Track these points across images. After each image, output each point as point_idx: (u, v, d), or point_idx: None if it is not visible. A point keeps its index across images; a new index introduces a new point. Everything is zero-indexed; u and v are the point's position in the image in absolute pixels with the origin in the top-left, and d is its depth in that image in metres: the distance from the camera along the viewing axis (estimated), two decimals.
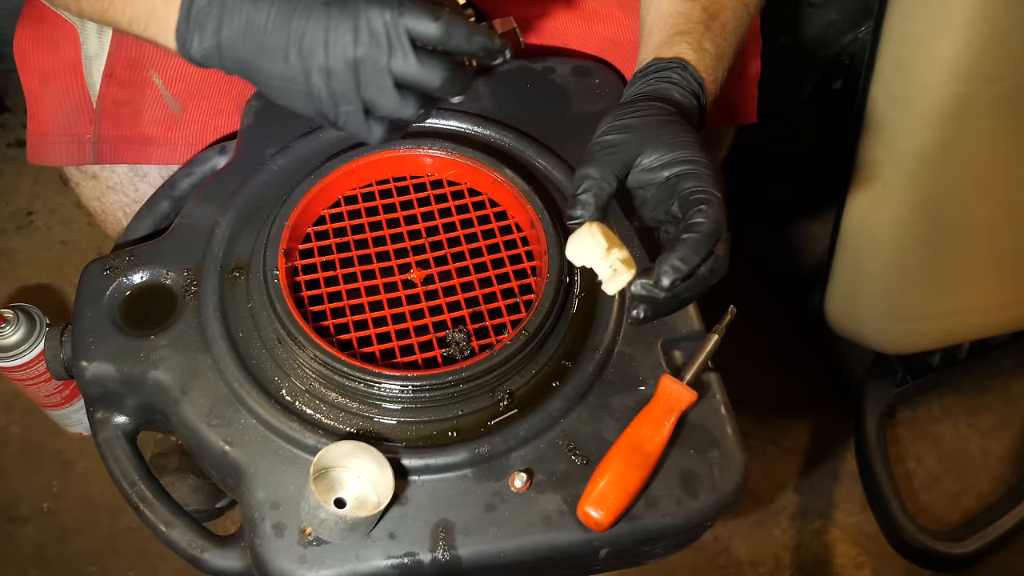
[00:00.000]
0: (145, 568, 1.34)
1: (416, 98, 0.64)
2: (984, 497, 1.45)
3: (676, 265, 0.64)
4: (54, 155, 0.92)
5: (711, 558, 1.39)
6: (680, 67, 0.76)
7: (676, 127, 0.70)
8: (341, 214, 0.81)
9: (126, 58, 0.90)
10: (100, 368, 0.74)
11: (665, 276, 0.64)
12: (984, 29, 1.01)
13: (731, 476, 0.71)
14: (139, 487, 0.73)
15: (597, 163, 0.68)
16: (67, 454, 1.43)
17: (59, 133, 0.91)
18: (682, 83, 0.75)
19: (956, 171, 1.13)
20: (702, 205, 0.66)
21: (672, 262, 0.64)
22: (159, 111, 0.92)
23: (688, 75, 0.76)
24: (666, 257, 0.65)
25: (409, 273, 0.78)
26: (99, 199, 0.98)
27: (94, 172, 0.96)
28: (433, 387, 0.70)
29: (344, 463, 0.67)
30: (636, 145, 0.69)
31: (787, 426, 1.51)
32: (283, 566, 0.66)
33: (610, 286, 0.66)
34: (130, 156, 0.93)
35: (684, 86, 0.75)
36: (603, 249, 0.65)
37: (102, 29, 0.90)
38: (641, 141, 0.69)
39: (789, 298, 1.62)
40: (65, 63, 0.90)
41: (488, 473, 0.69)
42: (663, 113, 0.71)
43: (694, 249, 0.64)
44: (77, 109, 0.91)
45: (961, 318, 1.32)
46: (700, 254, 0.64)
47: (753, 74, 1.00)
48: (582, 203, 0.67)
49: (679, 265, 0.64)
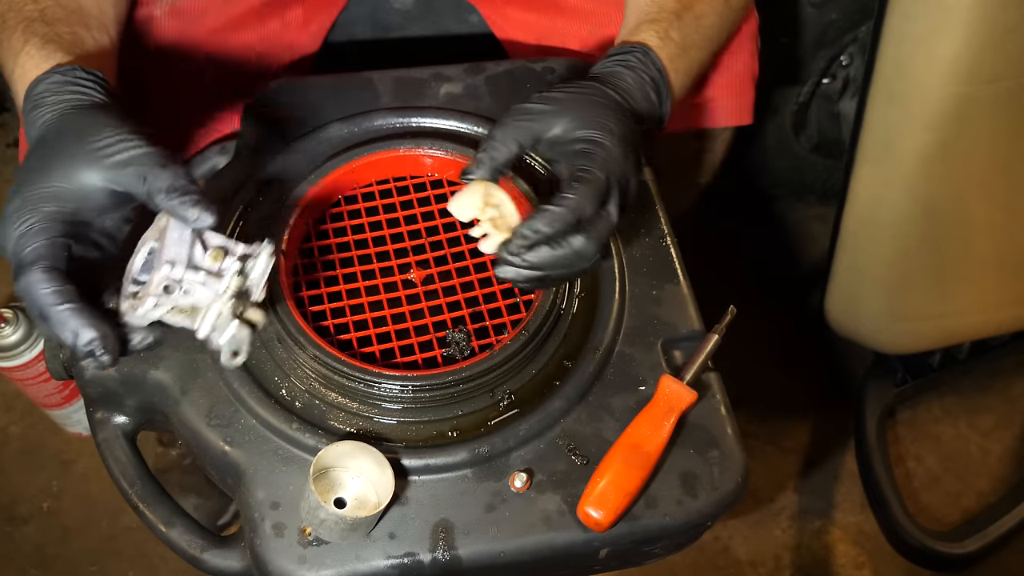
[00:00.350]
0: (145, 568, 1.34)
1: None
2: (984, 497, 1.45)
3: (525, 233, 0.66)
4: None
5: (711, 558, 1.39)
6: (641, 52, 0.77)
7: (599, 108, 0.71)
8: (341, 214, 0.81)
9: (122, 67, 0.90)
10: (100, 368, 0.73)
11: (515, 240, 0.66)
12: (984, 29, 1.01)
13: (731, 476, 0.71)
14: (139, 487, 0.73)
15: (505, 127, 0.70)
16: (67, 454, 1.43)
17: None
18: (639, 67, 0.76)
19: (956, 171, 1.13)
20: (575, 182, 0.67)
21: (523, 229, 0.66)
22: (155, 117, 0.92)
23: (648, 60, 0.77)
24: (523, 224, 0.66)
25: (409, 273, 0.78)
26: None
27: None
28: (433, 387, 0.70)
29: (344, 463, 0.67)
30: (552, 117, 0.70)
31: (787, 426, 1.51)
32: (283, 566, 0.66)
33: (483, 245, 0.69)
34: None
35: (641, 70, 0.76)
36: (478, 208, 0.68)
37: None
38: (558, 114, 0.70)
39: (789, 298, 1.62)
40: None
41: (488, 473, 0.69)
42: (593, 93, 0.72)
43: (548, 222, 0.65)
44: None
45: (961, 318, 1.32)
46: (553, 227, 0.65)
47: (751, 75, 1.00)
48: (477, 161, 0.70)
49: (527, 233, 0.65)
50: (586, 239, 0.67)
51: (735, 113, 1.00)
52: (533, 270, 0.67)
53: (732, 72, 0.98)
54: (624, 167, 0.69)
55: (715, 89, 0.98)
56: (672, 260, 0.81)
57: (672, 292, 0.79)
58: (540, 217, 0.66)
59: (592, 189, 0.67)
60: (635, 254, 0.81)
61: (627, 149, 0.70)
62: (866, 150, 1.16)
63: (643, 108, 0.75)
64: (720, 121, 1.00)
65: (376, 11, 1.04)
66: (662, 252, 0.81)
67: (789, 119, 1.50)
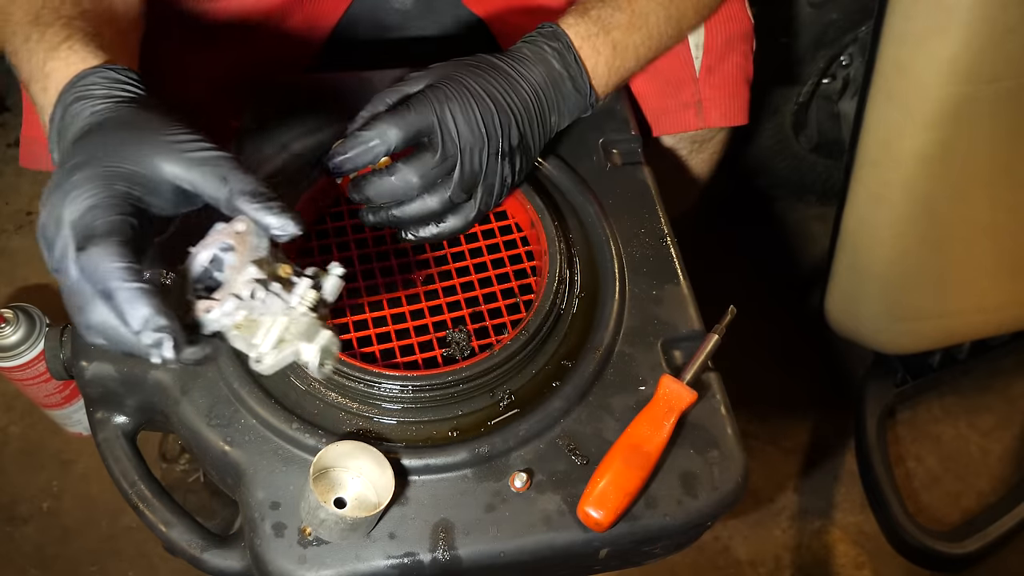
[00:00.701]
0: (145, 568, 1.34)
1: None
2: (984, 497, 1.45)
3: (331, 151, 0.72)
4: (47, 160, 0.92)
5: (711, 558, 1.39)
6: (548, 28, 0.80)
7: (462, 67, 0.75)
8: (341, 214, 0.81)
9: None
10: (100, 368, 0.74)
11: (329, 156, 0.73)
12: (984, 29, 1.01)
13: (731, 476, 0.71)
14: (139, 487, 0.73)
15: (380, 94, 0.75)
16: (67, 454, 1.43)
17: None
18: (540, 40, 0.79)
19: (956, 171, 1.13)
20: (385, 113, 0.72)
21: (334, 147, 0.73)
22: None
23: (552, 35, 0.80)
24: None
25: (409, 273, 0.78)
26: None
27: None
28: (433, 387, 0.70)
29: (344, 463, 0.67)
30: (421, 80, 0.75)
31: (787, 426, 1.51)
32: (283, 566, 0.66)
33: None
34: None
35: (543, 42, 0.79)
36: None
37: None
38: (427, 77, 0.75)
39: (789, 298, 1.62)
40: None
41: (488, 473, 0.69)
42: (467, 60, 0.77)
43: (350, 143, 0.71)
44: None
45: (961, 318, 1.32)
46: (354, 149, 0.71)
47: (745, 76, 1.00)
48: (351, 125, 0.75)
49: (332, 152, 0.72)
50: (405, 166, 0.72)
51: (729, 114, 1.00)
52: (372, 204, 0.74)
53: (725, 73, 0.98)
54: (462, 110, 0.72)
55: (709, 90, 0.98)
56: (672, 260, 0.81)
57: (672, 292, 0.79)
58: (345, 140, 0.72)
59: (398, 117, 0.71)
60: (635, 254, 0.81)
61: (470, 96, 0.73)
62: (866, 150, 1.16)
63: (537, 77, 0.77)
64: (714, 122, 1.00)
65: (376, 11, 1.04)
66: (662, 252, 0.81)
67: (789, 119, 1.50)
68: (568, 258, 0.78)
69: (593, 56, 0.80)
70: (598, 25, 0.81)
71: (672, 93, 0.98)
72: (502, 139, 0.74)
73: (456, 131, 0.72)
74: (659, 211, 0.83)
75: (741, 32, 0.98)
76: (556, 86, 0.78)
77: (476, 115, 0.72)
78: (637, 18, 0.83)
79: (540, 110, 0.77)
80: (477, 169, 0.73)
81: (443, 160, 0.72)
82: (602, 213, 0.82)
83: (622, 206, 0.84)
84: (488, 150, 0.73)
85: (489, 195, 0.76)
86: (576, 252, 0.79)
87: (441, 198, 0.73)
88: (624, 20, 0.83)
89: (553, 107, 0.78)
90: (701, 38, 0.96)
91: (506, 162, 0.75)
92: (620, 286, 0.78)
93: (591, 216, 0.82)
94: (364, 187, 0.73)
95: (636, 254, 0.81)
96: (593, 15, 0.82)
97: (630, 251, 0.81)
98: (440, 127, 0.71)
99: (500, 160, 0.75)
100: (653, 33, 0.85)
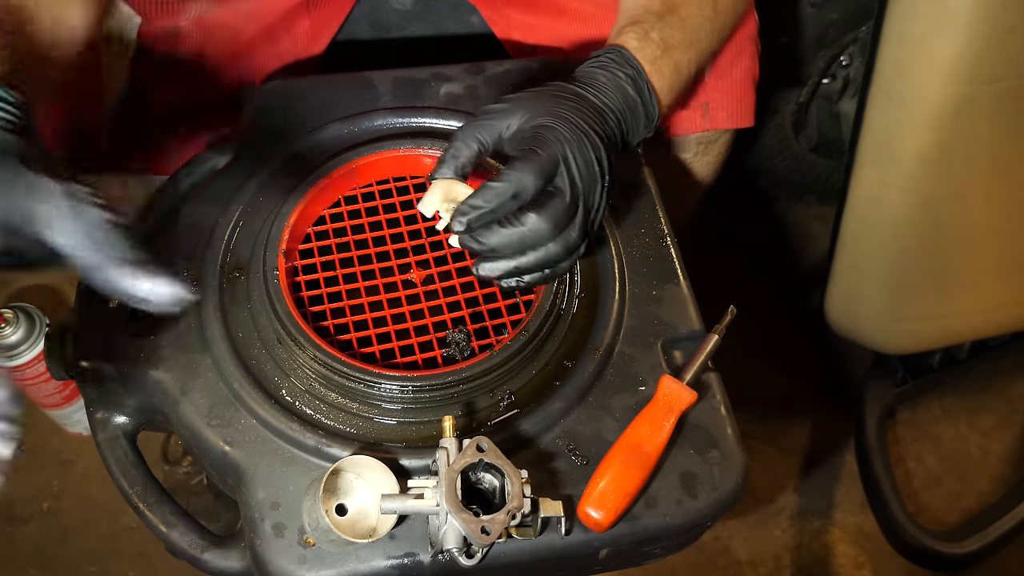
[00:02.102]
0: (145, 568, 1.34)
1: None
2: (984, 497, 1.45)
3: (462, 208, 0.67)
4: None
5: (711, 558, 1.39)
6: (616, 52, 0.78)
7: (557, 100, 0.72)
8: (341, 214, 0.81)
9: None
10: (100, 368, 0.74)
11: (456, 215, 0.67)
12: (984, 29, 1.01)
13: (731, 476, 0.71)
14: (139, 487, 0.73)
15: (466, 128, 0.72)
16: (67, 454, 1.43)
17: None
18: (613, 66, 0.77)
19: (956, 171, 1.13)
20: (516, 159, 0.68)
21: (462, 205, 0.67)
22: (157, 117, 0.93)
23: (623, 59, 0.78)
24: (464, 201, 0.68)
25: (409, 273, 0.78)
26: None
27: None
28: (433, 387, 0.70)
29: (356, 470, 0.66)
30: (511, 113, 0.72)
31: (787, 426, 1.51)
32: (283, 566, 0.66)
33: (450, 239, 0.71)
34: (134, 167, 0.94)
35: (616, 68, 0.77)
36: (439, 203, 0.71)
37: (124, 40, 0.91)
38: (517, 110, 0.72)
39: (789, 298, 1.62)
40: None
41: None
42: (555, 90, 0.74)
43: (484, 195, 0.67)
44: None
45: (961, 318, 1.32)
46: (489, 201, 0.66)
47: (752, 77, 1.00)
48: (440, 162, 0.71)
49: (464, 208, 0.67)
50: (538, 216, 0.67)
51: (737, 115, 1.00)
52: (493, 254, 0.68)
53: (733, 75, 0.98)
54: (580, 150, 0.70)
55: (716, 92, 0.98)
56: (672, 260, 0.81)
57: (672, 292, 0.79)
58: (478, 192, 0.67)
59: (533, 164, 0.67)
60: (635, 254, 0.81)
61: (582, 135, 0.71)
62: (866, 150, 1.16)
63: (617, 103, 0.76)
64: (722, 124, 1.00)
65: (376, 11, 1.04)
66: (662, 252, 0.81)
67: (789, 119, 1.50)
68: None
69: (659, 80, 0.80)
70: (661, 47, 0.80)
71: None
72: (608, 174, 0.72)
73: (578, 172, 0.69)
74: (659, 211, 0.83)
75: (748, 35, 0.98)
76: (632, 113, 0.77)
77: (591, 154, 0.70)
78: (690, 35, 0.83)
79: (621, 137, 0.76)
80: (593, 209, 0.72)
81: (572, 205, 0.69)
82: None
83: (622, 206, 0.84)
84: (601, 187, 0.72)
85: (594, 230, 0.74)
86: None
87: (566, 242, 0.70)
88: (681, 39, 0.82)
89: (627, 132, 0.78)
90: None
91: (606, 194, 0.73)
92: (620, 286, 0.78)
93: None
94: (488, 237, 0.67)
95: (636, 254, 0.81)
96: (655, 37, 0.80)
97: (630, 251, 0.81)
98: (567, 171, 0.69)
99: (605, 194, 0.73)
100: (704, 49, 0.85)
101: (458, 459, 0.62)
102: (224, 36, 0.95)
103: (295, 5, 0.96)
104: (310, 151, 0.84)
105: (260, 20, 0.96)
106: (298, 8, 0.97)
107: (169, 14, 0.92)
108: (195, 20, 0.93)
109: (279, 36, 0.98)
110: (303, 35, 0.99)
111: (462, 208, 0.67)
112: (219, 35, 0.95)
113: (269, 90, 0.89)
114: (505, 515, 0.60)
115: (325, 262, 0.78)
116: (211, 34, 0.94)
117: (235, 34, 0.95)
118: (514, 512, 0.60)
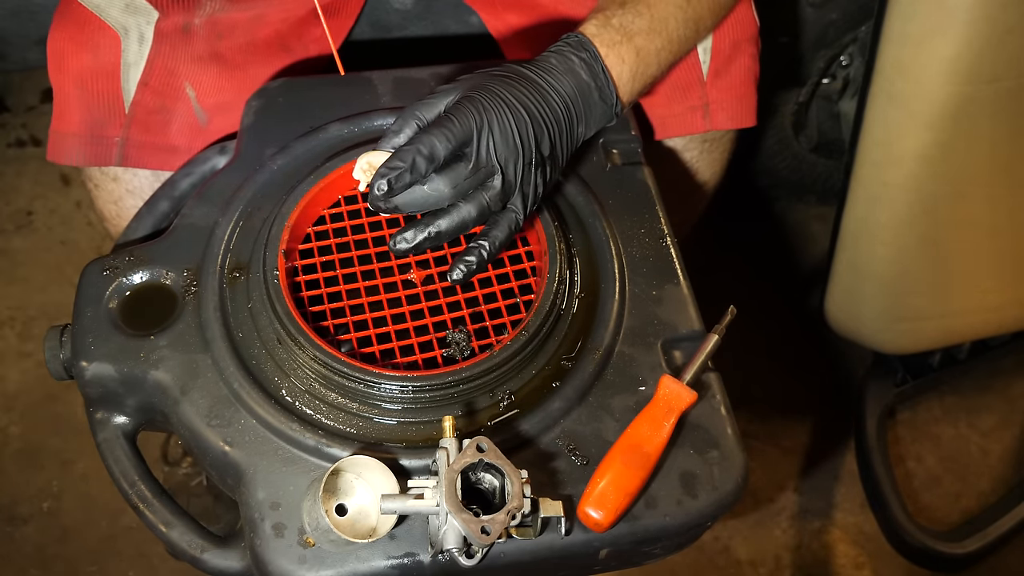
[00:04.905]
0: (145, 568, 1.34)
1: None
2: (984, 497, 1.45)
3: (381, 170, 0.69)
4: (78, 155, 0.93)
5: (711, 558, 1.39)
6: (573, 37, 0.80)
7: (494, 78, 0.74)
8: (341, 214, 0.81)
9: (163, 68, 0.93)
10: (100, 368, 0.74)
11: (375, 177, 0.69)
12: (984, 29, 1.01)
13: (731, 476, 0.71)
14: (139, 487, 0.73)
15: (409, 107, 0.73)
16: (67, 454, 1.43)
17: (87, 133, 0.92)
18: (567, 50, 0.79)
19: (956, 171, 1.13)
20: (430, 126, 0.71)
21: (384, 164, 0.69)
22: (187, 122, 0.94)
23: (578, 43, 0.79)
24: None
25: (409, 273, 0.78)
26: (116, 202, 0.99)
27: (115, 175, 0.97)
28: (433, 388, 0.70)
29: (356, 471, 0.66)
30: (452, 93, 0.74)
31: (787, 426, 1.51)
32: (283, 566, 0.66)
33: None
34: (154, 162, 0.95)
35: (569, 52, 0.78)
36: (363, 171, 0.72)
37: (143, 38, 0.91)
38: (457, 89, 0.74)
39: (789, 298, 1.62)
40: (103, 67, 0.91)
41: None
42: (496, 70, 0.76)
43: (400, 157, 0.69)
44: (109, 112, 0.92)
45: (961, 318, 1.32)
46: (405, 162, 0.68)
47: (753, 77, 1.00)
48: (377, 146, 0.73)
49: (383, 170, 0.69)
50: (439, 175, 0.70)
51: (738, 116, 1.00)
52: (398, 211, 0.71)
53: (734, 75, 0.98)
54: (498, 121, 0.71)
55: (717, 92, 0.98)
56: (672, 260, 0.81)
57: (672, 292, 0.79)
58: (393, 155, 0.69)
59: (444, 128, 0.69)
60: (635, 254, 0.81)
61: (505, 107, 0.72)
62: (866, 150, 1.16)
63: (567, 86, 0.77)
64: (721, 124, 1.00)
65: (376, 11, 1.05)
66: (662, 252, 0.81)
67: (789, 119, 1.50)
68: (568, 258, 0.77)
69: (618, 65, 0.80)
70: (621, 33, 0.81)
71: (679, 98, 0.98)
72: (535, 150, 0.73)
73: (493, 142, 0.71)
74: (659, 211, 0.83)
75: (748, 35, 0.98)
76: (584, 97, 0.78)
77: (511, 126, 0.72)
78: (657, 23, 0.83)
79: (569, 121, 0.77)
80: (513, 179, 0.73)
81: (475, 171, 0.71)
82: (602, 213, 0.82)
83: (622, 206, 0.84)
84: (523, 160, 0.73)
85: (524, 204, 0.75)
86: (576, 252, 0.79)
87: (480, 207, 0.72)
88: (645, 25, 0.82)
89: (581, 118, 0.78)
90: (709, 42, 0.96)
91: (538, 172, 0.74)
92: (620, 286, 0.78)
93: (591, 216, 0.82)
94: (392, 195, 0.70)
95: (636, 254, 0.81)
96: (616, 23, 0.81)
97: (630, 251, 0.81)
98: (477, 138, 0.71)
99: (534, 170, 0.74)
100: (673, 37, 0.85)
101: (458, 459, 0.62)
102: (236, 37, 0.95)
103: (307, 13, 0.97)
104: (310, 151, 0.84)
105: (272, 26, 0.96)
106: (310, 16, 0.97)
107: (183, 10, 0.92)
108: (208, 17, 0.93)
109: (291, 45, 0.98)
110: (314, 44, 1.00)
111: (381, 171, 0.69)
112: (231, 36, 0.95)
113: (269, 90, 0.89)
114: (505, 515, 0.60)
115: (325, 262, 0.78)
116: (222, 34, 0.94)
117: (247, 36, 0.95)
118: (514, 512, 0.60)
